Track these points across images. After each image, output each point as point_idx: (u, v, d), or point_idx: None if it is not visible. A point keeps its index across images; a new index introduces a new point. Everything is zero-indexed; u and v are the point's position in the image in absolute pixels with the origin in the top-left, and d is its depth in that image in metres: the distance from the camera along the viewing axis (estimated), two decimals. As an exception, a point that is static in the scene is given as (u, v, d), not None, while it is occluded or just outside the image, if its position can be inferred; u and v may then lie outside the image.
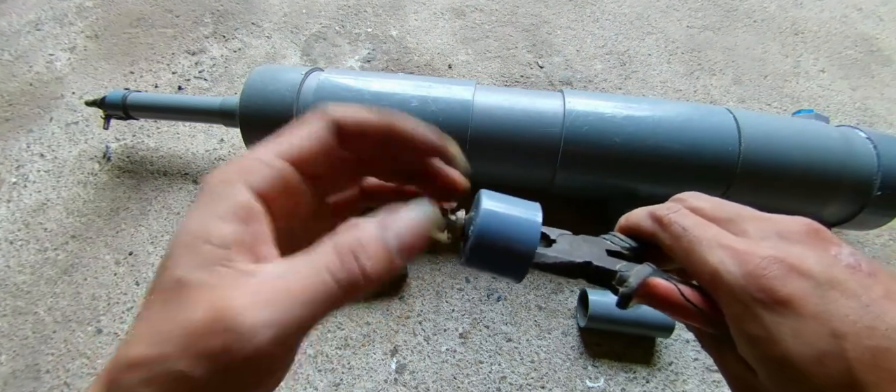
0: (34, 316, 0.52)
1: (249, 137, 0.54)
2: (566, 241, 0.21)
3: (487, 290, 0.54)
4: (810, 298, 0.15)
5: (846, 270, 0.16)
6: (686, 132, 0.49)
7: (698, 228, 0.18)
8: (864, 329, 0.14)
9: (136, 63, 0.70)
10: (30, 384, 0.48)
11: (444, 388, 0.48)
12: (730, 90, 0.71)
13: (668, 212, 0.20)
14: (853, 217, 0.52)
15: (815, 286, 0.15)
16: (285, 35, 0.74)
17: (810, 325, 0.15)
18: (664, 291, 0.19)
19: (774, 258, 0.16)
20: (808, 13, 0.81)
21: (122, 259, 0.55)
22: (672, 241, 0.19)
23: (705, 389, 0.49)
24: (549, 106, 0.51)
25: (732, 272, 0.16)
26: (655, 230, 0.20)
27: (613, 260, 0.21)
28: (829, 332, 0.14)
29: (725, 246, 0.17)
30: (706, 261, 0.17)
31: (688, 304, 0.18)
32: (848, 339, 0.14)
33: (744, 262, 0.16)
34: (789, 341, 0.15)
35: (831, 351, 0.14)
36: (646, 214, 0.21)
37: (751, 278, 0.16)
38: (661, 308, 0.19)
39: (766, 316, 0.15)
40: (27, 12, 0.75)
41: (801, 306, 0.15)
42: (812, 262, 0.16)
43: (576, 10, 0.79)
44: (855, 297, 0.15)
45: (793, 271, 0.16)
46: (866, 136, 0.51)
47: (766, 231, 0.18)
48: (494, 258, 0.20)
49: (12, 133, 0.64)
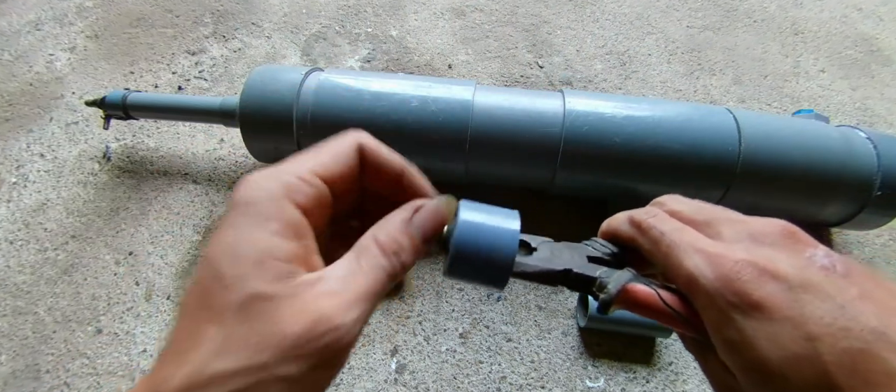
0: (34, 316, 0.52)
1: (249, 137, 0.54)
2: (547, 248, 0.21)
3: (487, 291, 0.54)
4: (783, 302, 0.15)
5: (820, 272, 0.15)
6: (686, 132, 0.49)
7: (675, 233, 0.19)
8: (840, 331, 0.14)
9: (136, 63, 0.70)
10: (30, 384, 0.48)
11: (444, 388, 0.48)
12: (730, 90, 0.71)
13: (647, 216, 0.20)
14: (853, 217, 0.52)
15: (787, 289, 0.15)
16: (285, 35, 0.74)
17: (784, 328, 0.15)
18: (644, 297, 0.19)
19: (747, 262, 0.16)
20: (808, 13, 0.81)
21: (122, 259, 0.55)
22: (651, 245, 0.19)
23: (705, 389, 0.49)
24: (549, 106, 0.51)
25: (707, 276, 0.16)
26: (634, 235, 0.21)
27: (594, 266, 0.21)
28: (803, 336, 0.14)
29: (700, 250, 0.17)
30: (682, 265, 0.17)
31: (668, 309, 0.18)
32: (823, 342, 0.14)
33: (717, 265, 0.16)
34: (764, 345, 0.15)
35: (806, 354, 0.14)
36: (625, 219, 0.21)
37: (724, 282, 0.16)
38: (641, 313, 0.19)
39: (741, 320, 0.15)
40: (27, 12, 0.75)
41: (775, 310, 0.15)
42: (785, 265, 0.16)
43: (576, 10, 0.79)
44: (829, 299, 0.15)
45: (765, 274, 0.15)
46: (866, 136, 0.51)
47: (740, 234, 0.18)
48: (474, 269, 0.20)
49: (12, 133, 0.64)
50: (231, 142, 0.63)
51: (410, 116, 0.50)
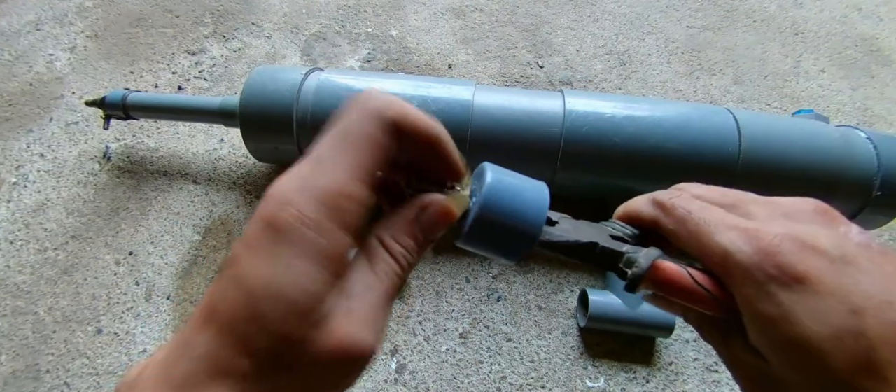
0: (34, 316, 0.52)
1: (249, 137, 0.54)
2: (569, 222, 0.21)
3: (487, 290, 0.54)
4: (827, 275, 0.14)
5: (858, 248, 0.15)
6: (686, 132, 0.49)
7: (704, 211, 0.18)
8: (885, 304, 0.14)
9: (136, 63, 0.70)
10: (30, 384, 0.48)
11: (444, 388, 0.48)
12: (730, 90, 0.71)
13: (671, 196, 0.20)
14: (853, 217, 0.51)
15: (830, 262, 0.15)
16: (285, 35, 0.74)
17: (828, 302, 0.14)
18: (674, 274, 0.18)
19: (787, 235, 0.16)
20: (808, 13, 0.81)
21: (122, 259, 0.55)
22: (676, 224, 0.19)
23: (705, 389, 0.49)
24: (549, 106, 0.51)
25: (744, 251, 0.16)
26: (657, 215, 0.20)
27: (618, 243, 0.20)
28: (848, 309, 0.14)
29: (734, 226, 0.17)
30: (715, 242, 0.17)
31: (698, 288, 0.18)
32: (868, 314, 0.14)
33: (756, 239, 0.16)
34: (806, 321, 0.14)
35: (851, 327, 0.14)
36: (647, 200, 0.21)
37: (764, 256, 0.15)
38: (669, 293, 0.18)
39: (782, 294, 0.15)
40: (27, 12, 0.75)
41: (819, 283, 0.14)
42: (824, 240, 0.15)
43: (576, 10, 0.79)
44: (871, 273, 0.14)
45: (806, 248, 0.15)
46: (866, 136, 0.51)
47: (772, 212, 0.17)
48: (497, 234, 0.18)
49: (12, 133, 0.64)
50: (231, 142, 0.63)
51: (410, 116, 0.50)
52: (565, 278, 0.54)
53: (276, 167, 0.62)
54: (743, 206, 0.18)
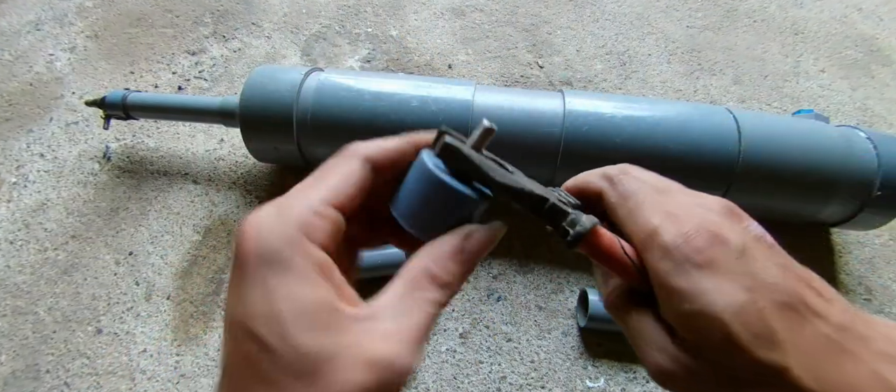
0: (34, 316, 0.52)
1: (249, 137, 0.54)
2: (523, 176, 0.22)
3: (487, 290, 0.54)
4: (730, 260, 0.18)
5: (754, 240, 0.19)
6: (686, 132, 0.49)
7: (643, 193, 0.21)
8: (771, 285, 0.17)
9: (136, 63, 0.70)
10: (30, 384, 0.48)
11: (444, 387, 0.48)
12: (730, 90, 0.71)
13: (620, 173, 0.23)
14: (853, 217, 0.52)
15: (733, 250, 0.18)
16: (285, 35, 0.74)
17: (729, 280, 0.18)
18: (608, 241, 0.21)
19: (703, 225, 0.19)
20: (808, 13, 0.81)
21: (122, 259, 0.55)
22: (619, 199, 0.22)
23: (705, 389, 0.49)
24: (548, 106, 0.51)
25: (670, 232, 0.19)
26: (604, 188, 0.23)
27: (564, 206, 0.21)
28: (744, 287, 0.17)
29: (664, 211, 0.20)
30: (648, 220, 0.20)
31: (625, 258, 0.20)
32: (760, 292, 0.17)
33: (680, 224, 0.19)
34: (712, 295, 0.17)
35: (746, 302, 0.17)
36: (598, 174, 0.24)
37: (684, 239, 0.19)
38: (600, 257, 0.21)
39: (694, 272, 0.18)
40: (27, 12, 0.75)
41: (723, 266, 0.18)
42: (729, 232, 0.19)
43: (576, 10, 0.79)
44: (762, 262, 0.18)
45: (717, 237, 0.18)
46: (866, 136, 0.51)
47: (694, 204, 0.21)
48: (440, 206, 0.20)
49: (12, 133, 0.64)
50: (231, 142, 0.63)
51: (410, 117, 0.50)
52: (565, 278, 0.54)
53: (276, 167, 0.62)
54: (672, 194, 0.21)
